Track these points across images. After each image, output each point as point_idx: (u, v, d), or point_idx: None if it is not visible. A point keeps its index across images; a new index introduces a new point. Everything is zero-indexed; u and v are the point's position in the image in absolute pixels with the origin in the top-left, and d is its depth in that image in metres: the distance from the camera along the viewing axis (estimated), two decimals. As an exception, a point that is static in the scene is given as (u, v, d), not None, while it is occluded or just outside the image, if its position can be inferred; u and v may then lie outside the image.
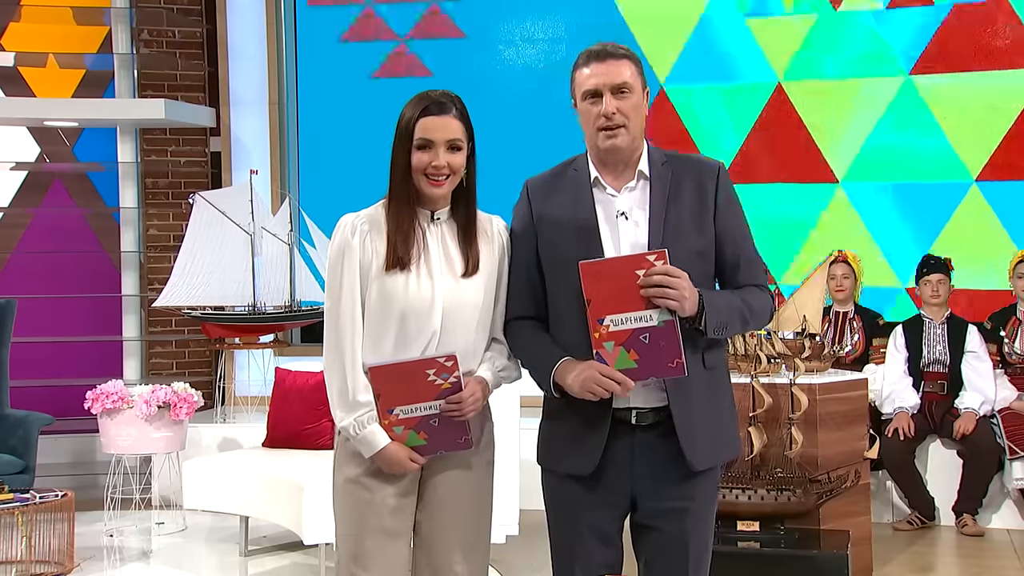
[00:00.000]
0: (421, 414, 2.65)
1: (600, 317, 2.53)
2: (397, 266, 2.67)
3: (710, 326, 2.58)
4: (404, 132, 2.68)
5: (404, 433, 2.66)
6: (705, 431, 2.66)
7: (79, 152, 7.72)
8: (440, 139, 2.66)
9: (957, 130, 6.67)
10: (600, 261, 2.56)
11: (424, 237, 2.72)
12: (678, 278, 2.50)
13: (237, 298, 6.78)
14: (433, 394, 2.63)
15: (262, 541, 5.73)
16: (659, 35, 7.07)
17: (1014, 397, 6.00)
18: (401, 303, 2.67)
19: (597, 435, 2.65)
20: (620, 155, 2.68)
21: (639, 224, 2.66)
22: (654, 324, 2.52)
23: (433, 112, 2.67)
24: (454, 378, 2.61)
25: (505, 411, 4.79)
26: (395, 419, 2.65)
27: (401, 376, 2.61)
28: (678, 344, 2.52)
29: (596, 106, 2.65)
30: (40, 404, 6.63)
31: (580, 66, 2.69)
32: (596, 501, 2.70)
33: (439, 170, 2.66)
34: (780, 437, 4.61)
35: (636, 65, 2.69)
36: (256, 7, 7.62)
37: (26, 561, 4.89)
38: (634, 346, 2.53)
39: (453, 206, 2.77)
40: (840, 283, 6.25)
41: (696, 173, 2.72)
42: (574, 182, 2.73)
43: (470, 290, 2.72)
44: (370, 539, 2.71)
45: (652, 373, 2.56)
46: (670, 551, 2.71)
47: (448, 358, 2.60)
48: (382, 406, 2.63)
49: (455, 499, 2.78)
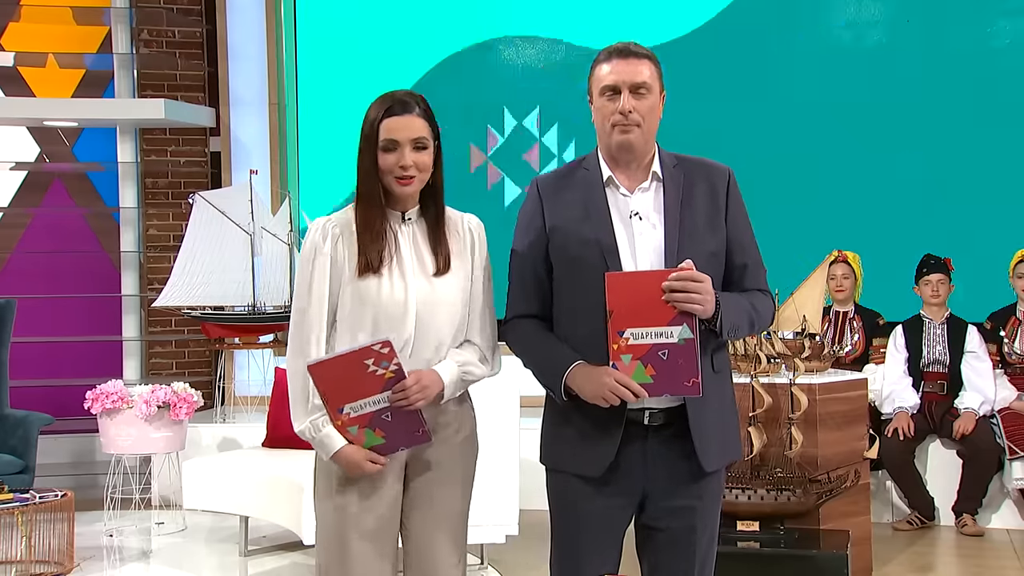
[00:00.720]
0: (372, 409, 2.61)
1: (621, 329, 2.52)
2: (369, 270, 2.66)
3: (724, 328, 2.58)
4: (369, 134, 2.69)
5: (360, 433, 2.63)
6: (715, 433, 2.67)
7: (79, 152, 7.72)
8: (405, 139, 2.66)
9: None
10: (627, 273, 2.56)
11: (396, 239, 2.72)
12: (702, 282, 2.51)
13: (237, 298, 6.79)
14: (379, 386, 2.59)
15: (262, 541, 5.73)
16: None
17: (1014, 397, 6.00)
18: (374, 307, 2.66)
19: (610, 437, 2.64)
20: (632, 153, 2.67)
21: (656, 227, 2.65)
22: (674, 341, 2.51)
23: (397, 112, 2.67)
24: (395, 366, 2.57)
25: (505, 411, 4.81)
26: (347, 418, 2.61)
27: (342, 370, 2.56)
28: (696, 363, 2.51)
29: (613, 102, 2.64)
30: (40, 404, 6.63)
31: (601, 62, 2.69)
32: (605, 502, 2.69)
33: (406, 169, 2.66)
34: (780, 437, 4.61)
35: (656, 67, 2.69)
36: (256, 7, 7.62)
37: (26, 561, 4.89)
38: (652, 361, 2.52)
39: (423, 205, 2.76)
40: (840, 283, 6.25)
41: (707, 176, 2.73)
42: (585, 181, 2.72)
43: (443, 289, 2.71)
44: (353, 544, 2.69)
45: (667, 390, 2.56)
46: (677, 550, 2.71)
47: (383, 344, 2.55)
48: (331, 406, 2.60)
49: (443, 498, 2.77)
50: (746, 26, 7.11)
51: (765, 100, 7.04)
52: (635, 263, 2.64)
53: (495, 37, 7.47)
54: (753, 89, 7.06)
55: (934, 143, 6.81)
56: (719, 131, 7.05)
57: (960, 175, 6.76)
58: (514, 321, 2.79)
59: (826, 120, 6.97)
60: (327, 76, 7.61)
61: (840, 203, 6.91)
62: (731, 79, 7.09)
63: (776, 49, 7.06)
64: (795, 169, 6.99)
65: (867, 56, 6.92)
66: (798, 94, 7.01)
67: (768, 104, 7.04)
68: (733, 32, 7.13)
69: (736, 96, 7.07)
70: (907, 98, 6.85)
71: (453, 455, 2.78)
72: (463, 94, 7.38)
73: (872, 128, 6.91)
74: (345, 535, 2.69)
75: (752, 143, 7.00)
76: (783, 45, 7.05)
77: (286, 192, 7.41)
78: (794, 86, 7.02)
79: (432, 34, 7.49)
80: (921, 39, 6.85)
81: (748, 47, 7.10)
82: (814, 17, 7.04)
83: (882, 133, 6.89)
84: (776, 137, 7.03)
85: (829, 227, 6.83)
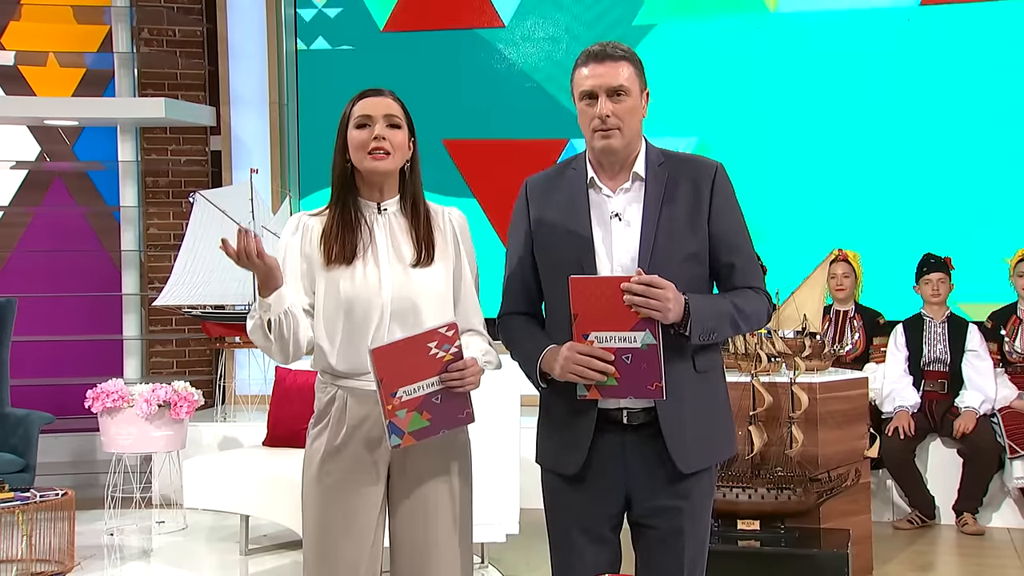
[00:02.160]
0: (424, 392, 2.59)
1: (585, 332, 2.54)
2: (339, 260, 2.67)
3: (695, 332, 2.57)
4: (342, 121, 2.73)
5: (408, 416, 2.60)
6: (696, 434, 2.66)
7: (79, 151, 7.73)
8: (378, 114, 2.68)
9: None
10: (589, 278, 2.56)
11: (371, 229, 2.72)
12: (661, 289, 2.49)
13: (237, 297, 6.79)
14: (436, 369, 2.57)
15: (262, 540, 5.73)
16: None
17: (1014, 396, 6.00)
18: (347, 294, 2.66)
19: (582, 434, 2.65)
20: (615, 156, 2.67)
21: (631, 224, 2.65)
22: (637, 346, 2.53)
23: (370, 95, 2.72)
24: (455, 348, 2.56)
25: (505, 411, 4.81)
26: (398, 402, 2.58)
27: (404, 354, 2.55)
28: (659, 369, 2.53)
29: (592, 108, 2.64)
30: (40, 403, 6.63)
31: (579, 66, 2.68)
32: (585, 500, 2.70)
33: (379, 142, 2.67)
34: (780, 436, 4.61)
35: (635, 66, 2.67)
36: (256, 6, 7.62)
37: (26, 560, 4.89)
38: (617, 365, 2.54)
39: (401, 198, 2.77)
40: (840, 282, 6.25)
41: (692, 173, 2.70)
42: (571, 182, 2.73)
43: (423, 280, 2.70)
44: (338, 541, 2.69)
45: (631, 393, 2.57)
46: (665, 549, 2.70)
47: (449, 327, 2.55)
48: (385, 391, 2.57)
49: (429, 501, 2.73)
50: (746, 25, 7.10)
51: (765, 99, 7.04)
52: (611, 264, 2.64)
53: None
54: (753, 88, 7.06)
55: (933, 142, 6.81)
56: (718, 131, 7.06)
57: (960, 174, 6.75)
58: (505, 317, 2.82)
59: (826, 119, 6.96)
60: (327, 75, 7.60)
61: (840, 202, 6.91)
62: (731, 78, 7.09)
63: (776, 47, 7.05)
64: (795, 168, 6.99)
65: (867, 55, 6.91)
66: (798, 94, 7.00)
67: (768, 103, 7.04)
68: (733, 32, 7.13)
69: (736, 95, 7.07)
70: (907, 97, 6.85)
71: (440, 457, 2.74)
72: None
73: (872, 127, 6.90)
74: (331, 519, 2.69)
75: (752, 142, 7.01)
76: (783, 44, 7.05)
77: (287, 191, 7.41)
78: (794, 84, 7.01)
79: (431, 33, 7.49)
80: (920, 38, 6.84)
81: (748, 46, 7.09)
82: (815, 16, 7.04)
83: (882, 132, 6.89)
84: (776, 136, 7.02)
85: (829, 226, 6.83)
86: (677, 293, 2.53)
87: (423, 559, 2.72)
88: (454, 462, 2.77)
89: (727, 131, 7.05)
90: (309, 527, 2.76)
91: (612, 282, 2.52)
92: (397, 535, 2.76)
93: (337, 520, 2.70)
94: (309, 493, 2.76)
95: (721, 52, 7.10)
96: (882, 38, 6.88)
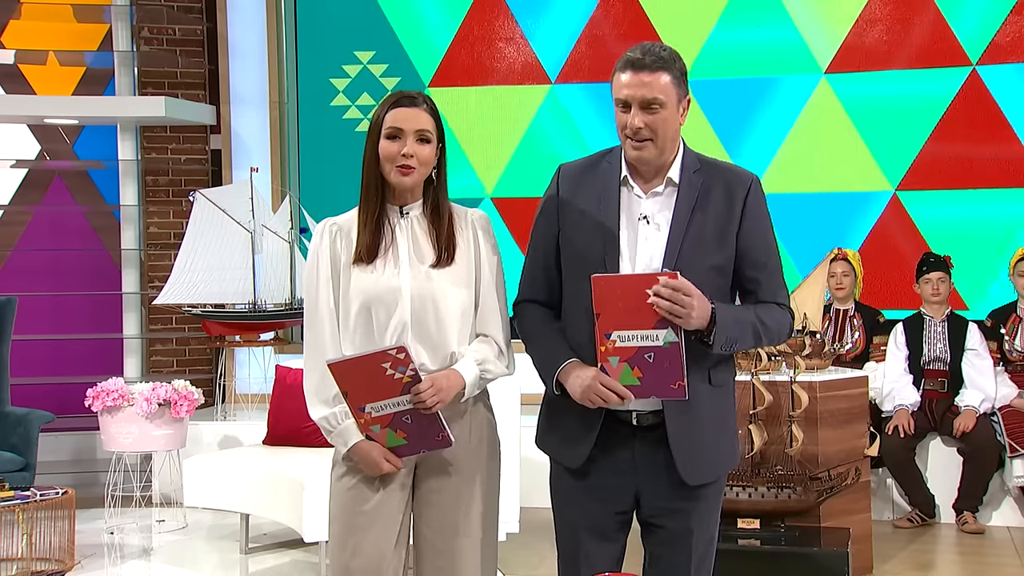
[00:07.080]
0: (393, 410, 2.62)
1: (608, 332, 2.53)
2: (363, 259, 2.70)
3: (718, 341, 2.55)
4: (374, 124, 2.73)
5: (382, 432, 2.64)
6: (704, 447, 2.65)
7: (79, 150, 7.72)
8: (409, 128, 2.69)
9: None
10: (613, 276, 2.56)
11: (393, 231, 2.74)
12: (688, 296, 2.48)
13: (237, 296, 6.79)
14: (397, 389, 2.59)
15: (262, 539, 5.74)
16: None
17: (1014, 395, 6.00)
18: (367, 293, 2.69)
19: (589, 431, 2.65)
20: (648, 165, 2.66)
21: (659, 229, 2.64)
22: (659, 344, 2.52)
23: (404, 104, 2.71)
24: (411, 371, 2.58)
25: (505, 409, 4.80)
26: (369, 417, 2.62)
27: (360, 371, 2.57)
28: (682, 367, 2.52)
29: (625, 115, 2.61)
30: (41, 401, 6.62)
31: (619, 71, 2.62)
32: (588, 495, 2.71)
33: (408, 158, 2.68)
34: (780, 435, 4.61)
35: (674, 74, 2.59)
36: (256, 4, 7.61)
37: (27, 558, 4.89)
38: (638, 363, 2.54)
39: (424, 202, 2.78)
40: (840, 281, 6.25)
41: (727, 183, 2.67)
42: (605, 176, 2.70)
43: (443, 281, 2.71)
44: (360, 532, 2.71)
45: (654, 392, 2.57)
46: (674, 548, 2.71)
47: (399, 350, 2.56)
48: (352, 404, 2.62)
49: (455, 502, 2.76)
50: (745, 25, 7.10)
51: (765, 98, 7.04)
52: (632, 266, 2.63)
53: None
54: (753, 87, 7.06)
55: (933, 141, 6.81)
56: (719, 130, 7.06)
57: (960, 174, 6.75)
58: (523, 304, 2.80)
59: (825, 119, 6.96)
60: (327, 74, 7.60)
61: (841, 201, 6.90)
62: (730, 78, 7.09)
63: (776, 46, 7.05)
64: (795, 168, 6.99)
65: (867, 52, 6.91)
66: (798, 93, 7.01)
67: (768, 102, 7.03)
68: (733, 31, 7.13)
69: (736, 94, 7.07)
70: (907, 95, 6.85)
71: (468, 458, 2.76)
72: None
73: (871, 128, 6.90)
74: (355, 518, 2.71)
75: (752, 141, 7.01)
76: (782, 43, 7.05)
77: (287, 190, 7.41)
78: (794, 84, 7.02)
79: (432, 33, 7.48)
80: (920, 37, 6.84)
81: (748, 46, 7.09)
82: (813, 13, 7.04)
83: (881, 132, 6.89)
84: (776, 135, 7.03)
85: (830, 225, 6.83)
86: (704, 300, 2.51)
87: (448, 559, 2.75)
88: (482, 462, 2.79)
89: (727, 128, 7.06)
90: (334, 521, 2.77)
91: (636, 280, 2.53)
92: (421, 534, 2.78)
93: (361, 516, 2.72)
94: (336, 489, 2.78)
95: (721, 51, 7.10)
96: (881, 32, 6.88)
